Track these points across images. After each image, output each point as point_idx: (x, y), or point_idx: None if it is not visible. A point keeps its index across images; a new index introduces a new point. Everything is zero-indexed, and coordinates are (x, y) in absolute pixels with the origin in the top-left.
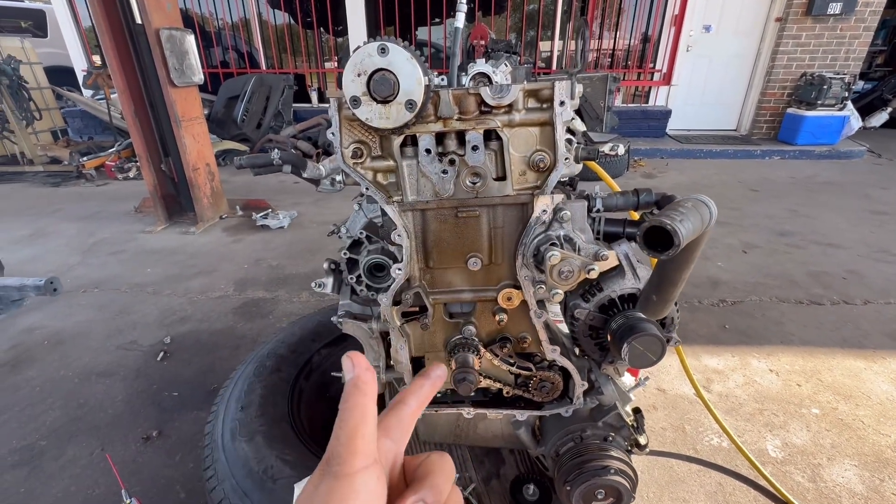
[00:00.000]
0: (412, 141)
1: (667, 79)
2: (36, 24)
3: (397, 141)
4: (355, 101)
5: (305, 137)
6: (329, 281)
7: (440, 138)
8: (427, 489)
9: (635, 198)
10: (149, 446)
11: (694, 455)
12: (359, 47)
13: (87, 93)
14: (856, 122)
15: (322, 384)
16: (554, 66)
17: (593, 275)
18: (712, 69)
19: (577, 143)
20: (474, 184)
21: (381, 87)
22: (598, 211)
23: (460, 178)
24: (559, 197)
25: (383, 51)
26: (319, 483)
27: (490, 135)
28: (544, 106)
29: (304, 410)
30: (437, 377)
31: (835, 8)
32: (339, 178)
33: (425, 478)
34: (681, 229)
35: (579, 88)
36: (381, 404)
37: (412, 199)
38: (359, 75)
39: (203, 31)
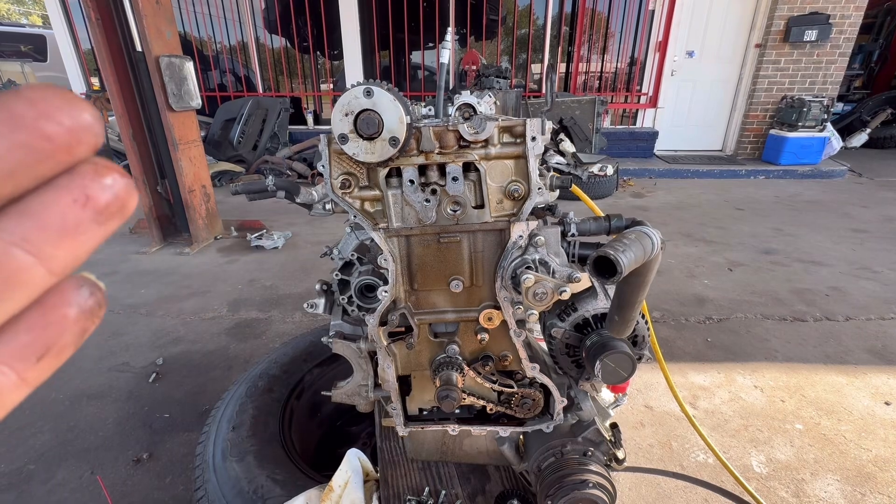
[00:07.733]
0: (397, 172)
1: (653, 102)
2: (36, 48)
3: (383, 173)
4: (343, 138)
5: (301, 159)
6: (321, 302)
7: (423, 170)
8: None
9: (607, 223)
10: (139, 469)
11: (680, 471)
12: (347, 90)
13: None
14: (837, 142)
15: (314, 404)
16: (544, 89)
17: (565, 296)
18: (697, 92)
19: (557, 169)
20: (455, 211)
21: (367, 125)
22: (572, 235)
23: (442, 206)
24: (534, 223)
25: (369, 93)
26: None
27: (469, 166)
28: (518, 141)
29: (296, 430)
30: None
31: (811, 35)
32: (328, 205)
33: None
34: (622, 259)
35: (549, 125)
36: (371, 420)
37: (397, 225)
38: (346, 115)
39: (201, 55)
